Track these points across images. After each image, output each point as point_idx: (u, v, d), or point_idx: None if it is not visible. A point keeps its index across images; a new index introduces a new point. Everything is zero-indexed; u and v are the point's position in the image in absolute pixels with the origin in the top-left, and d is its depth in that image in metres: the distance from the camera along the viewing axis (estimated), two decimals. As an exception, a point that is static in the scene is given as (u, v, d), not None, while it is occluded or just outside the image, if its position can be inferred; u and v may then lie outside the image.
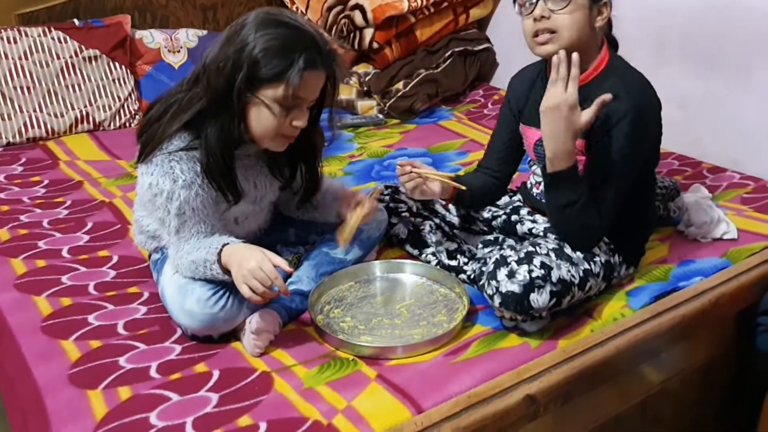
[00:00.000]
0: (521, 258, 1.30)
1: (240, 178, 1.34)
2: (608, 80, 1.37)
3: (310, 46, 1.22)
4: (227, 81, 1.21)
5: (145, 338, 1.31)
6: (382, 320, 1.38)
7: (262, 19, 1.22)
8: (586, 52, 1.37)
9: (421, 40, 2.66)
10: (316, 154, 1.42)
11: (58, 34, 2.33)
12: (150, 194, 1.28)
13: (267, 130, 1.26)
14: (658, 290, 1.45)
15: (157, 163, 1.26)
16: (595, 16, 1.35)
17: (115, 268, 1.56)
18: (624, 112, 1.33)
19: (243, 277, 1.21)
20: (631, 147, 1.34)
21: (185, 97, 1.27)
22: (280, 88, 1.22)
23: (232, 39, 1.22)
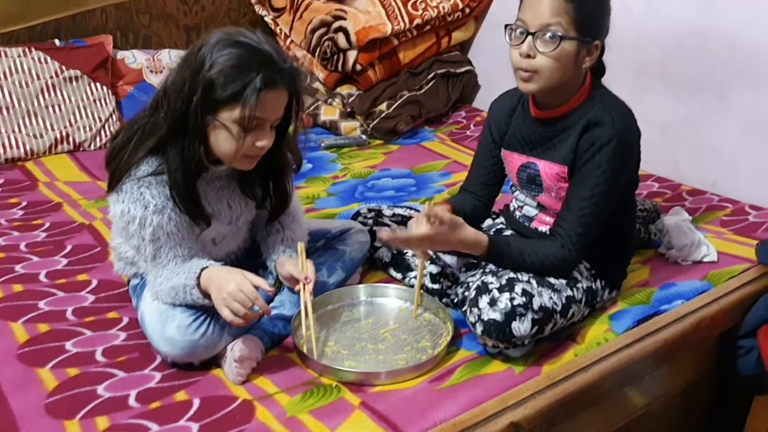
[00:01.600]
0: (503, 285, 1.30)
1: (213, 200, 1.33)
2: (590, 109, 1.38)
3: (267, 64, 1.20)
4: (185, 104, 1.20)
5: (124, 365, 1.29)
6: (366, 345, 1.37)
7: (218, 40, 1.21)
8: (569, 86, 1.38)
9: (404, 62, 2.68)
10: (284, 171, 1.39)
11: (39, 54, 2.31)
12: (123, 222, 1.26)
13: (229, 151, 1.24)
14: (641, 314, 1.46)
15: (127, 190, 1.24)
16: (583, 56, 1.35)
17: (94, 292, 1.53)
18: (608, 138, 1.34)
19: (223, 300, 1.20)
20: (613, 172, 1.35)
21: (148, 122, 1.25)
22: (236, 109, 1.20)
23: (189, 61, 1.21)
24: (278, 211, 1.43)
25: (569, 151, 1.38)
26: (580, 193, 1.36)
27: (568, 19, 1.30)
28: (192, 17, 2.73)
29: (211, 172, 1.32)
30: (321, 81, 2.66)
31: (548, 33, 1.30)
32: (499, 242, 1.38)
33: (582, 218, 1.36)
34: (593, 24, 1.34)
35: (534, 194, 1.49)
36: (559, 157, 1.40)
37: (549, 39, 1.30)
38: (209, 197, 1.33)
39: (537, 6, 1.31)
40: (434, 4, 2.68)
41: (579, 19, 1.31)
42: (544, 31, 1.30)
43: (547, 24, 1.30)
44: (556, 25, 1.30)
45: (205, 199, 1.32)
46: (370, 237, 1.61)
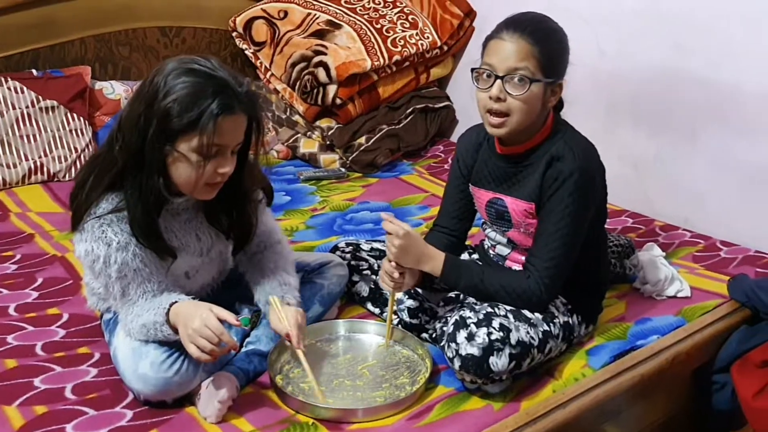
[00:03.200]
0: (480, 320, 1.30)
1: (180, 233, 1.31)
2: (553, 144, 1.40)
3: (222, 90, 1.18)
4: (141, 136, 1.17)
5: (95, 403, 1.25)
6: (344, 381, 1.35)
7: (171, 69, 1.18)
8: (534, 124, 1.40)
9: (383, 96, 2.71)
10: (246, 199, 1.36)
11: (15, 83, 2.29)
12: (88, 261, 1.24)
13: (190, 181, 1.22)
14: (617, 349, 1.47)
15: (88, 229, 1.22)
16: (549, 96, 1.38)
17: (64, 327, 1.50)
18: (569, 172, 1.36)
19: (189, 336, 1.18)
20: (577, 206, 1.37)
21: (104, 158, 1.23)
22: (195, 137, 1.17)
23: (143, 93, 1.19)
24: (243, 240, 1.40)
25: (535, 187, 1.40)
26: (547, 228, 1.38)
27: (534, 62, 1.32)
28: (172, 49, 2.73)
29: (175, 205, 1.29)
30: (301, 114, 2.67)
31: (516, 77, 1.32)
32: (457, 262, 1.39)
33: (550, 252, 1.37)
34: (557, 64, 1.37)
35: (504, 230, 1.50)
36: (525, 194, 1.42)
37: (518, 82, 1.32)
38: (175, 230, 1.31)
39: (503, 51, 1.33)
40: (413, 41, 2.72)
41: (544, 62, 1.33)
42: (513, 75, 1.32)
43: (515, 68, 1.32)
44: (524, 69, 1.32)
45: (171, 231, 1.30)
46: (349, 271, 1.60)
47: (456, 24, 2.81)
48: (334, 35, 2.67)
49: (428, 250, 1.40)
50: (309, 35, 2.68)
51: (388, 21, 2.76)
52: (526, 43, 1.32)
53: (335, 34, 2.67)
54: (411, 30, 2.76)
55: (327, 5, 2.80)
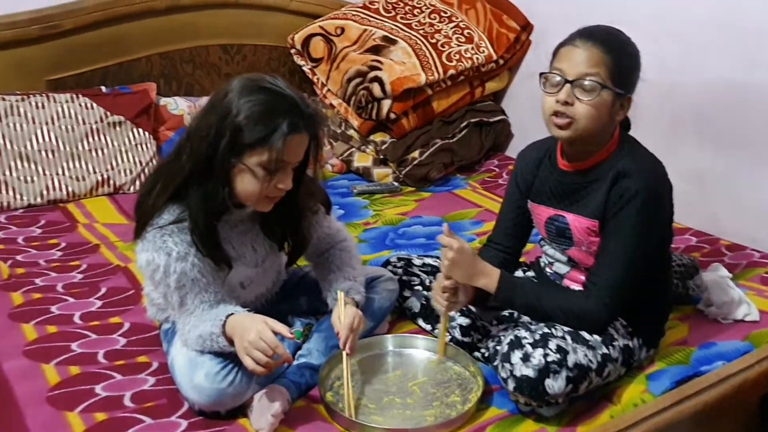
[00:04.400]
0: (536, 340, 1.28)
1: (237, 244, 1.35)
2: (619, 161, 1.37)
3: (293, 110, 1.23)
4: (211, 148, 1.22)
5: (152, 412, 1.29)
6: (394, 399, 1.34)
7: (244, 86, 1.24)
8: (600, 137, 1.37)
9: (437, 110, 2.71)
10: (302, 213, 1.40)
11: (85, 100, 2.39)
12: (149, 271, 1.28)
13: (252, 193, 1.27)
14: (680, 374, 1.42)
15: (150, 239, 1.27)
16: (617, 109, 1.35)
17: (125, 335, 1.54)
18: (635, 190, 1.32)
19: (245, 349, 1.20)
20: (644, 225, 1.33)
21: (171, 167, 1.28)
22: (264, 153, 1.23)
23: (216, 107, 1.24)
24: (297, 253, 1.44)
25: (599, 204, 1.37)
26: (610, 247, 1.34)
27: (605, 70, 1.31)
28: (233, 66, 2.81)
29: (234, 216, 1.34)
30: (355, 128, 2.70)
31: (587, 81, 1.30)
32: (512, 280, 1.37)
33: (612, 272, 1.33)
34: (628, 77, 1.35)
35: (564, 248, 1.47)
36: (588, 211, 1.39)
37: (588, 87, 1.31)
38: (233, 241, 1.35)
39: (575, 56, 1.32)
40: (468, 55, 2.71)
41: (615, 72, 1.32)
42: (583, 79, 1.31)
43: (585, 73, 1.31)
44: (595, 75, 1.31)
45: (228, 242, 1.34)
46: (400, 286, 1.60)
47: (512, 38, 2.78)
48: (390, 50, 2.69)
49: (482, 266, 1.38)
50: (365, 51, 2.71)
51: (444, 36, 2.77)
52: (598, 51, 1.31)
53: (391, 49, 2.69)
54: (466, 44, 2.75)
55: (383, 21, 2.83)
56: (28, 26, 2.36)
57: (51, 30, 2.40)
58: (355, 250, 1.52)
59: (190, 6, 2.65)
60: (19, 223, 2.08)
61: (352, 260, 1.47)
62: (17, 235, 2.01)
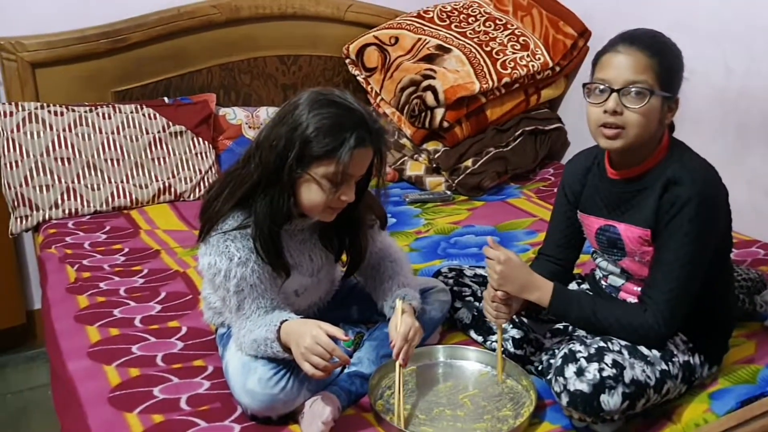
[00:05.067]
0: (591, 354, 1.25)
1: (295, 252, 1.37)
2: (669, 167, 1.33)
3: (360, 124, 1.26)
4: (279, 158, 1.26)
5: (206, 415, 1.32)
6: (444, 410, 1.34)
7: (314, 100, 1.27)
8: (650, 143, 1.34)
9: (491, 119, 2.69)
10: (360, 226, 1.42)
11: (149, 111, 2.49)
12: (210, 274, 1.32)
13: (316, 204, 1.29)
14: (745, 394, 1.36)
15: (214, 243, 1.31)
16: (665, 112, 1.32)
17: (183, 339, 1.59)
18: (687, 197, 1.28)
19: (302, 355, 1.22)
20: (698, 233, 1.28)
21: (240, 174, 1.32)
22: (331, 165, 1.25)
23: (286, 118, 1.27)
24: (354, 264, 1.46)
25: (650, 212, 1.33)
26: (665, 257, 1.30)
27: (653, 75, 1.28)
28: (290, 77, 2.87)
29: (294, 225, 1.36)
30: (408, 137, 2.71)
31: (634, 89, 1.27)
32: (567, 293, 1.34)
33: (669, 283, 1.29)
34: (674, 78, 1.32)
35: (616, 258, 1.43)
36: (640, 220, 1.35)
37: (636, 95, 1.27)
38: (291, 249, 1.38)
39: (620, 64, 1.29)
40: (524, 63, 2.69)
41: (663, 75, 1.29)
42: (630, 87, 1.27)
43: (633, 81, 1.28)
44: (643, 82, 1.27)
45: (287, 251, 1.36)
46: (451, 297, 1.59)
47: (569, 44, 2.74)
48: (443, 59, 2.69)
49: (534, 279, 1.36)
50: (418, 60, 2.72)
51: (499, 43, 2.75)
52: (643, 56, 1.28)
53: (444, 58, 2.69)
54: (522, 52, 2.72)
55: (437, 30, 2.83)
56: (97, 40, 2.47)
57: (118, 44, 2.51)
58: (407, 262, 1.53)
59: (248, 18, 2.72)
60: (86, 229, 2.18)
61: (404, 269, 1.49)
62: (84, 241, 2.10)
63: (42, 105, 2.34)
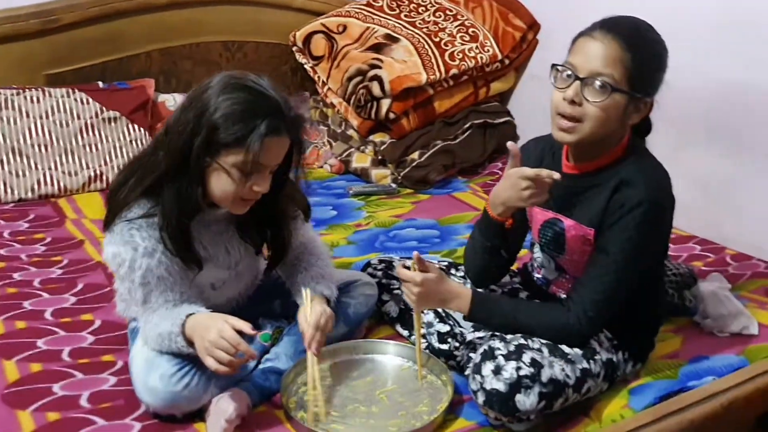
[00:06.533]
0: (510, 352, 1.21)
1: (210, 244, 1.30)
2: (624, 168, 1.28)
3: (273, 111, 1.19)
4: (186, 145, 1.18)
5: (106, 413, 1.25)
6: (359, 407, 1.29)
7: (225, 83, 1.20)
8: (607, 141, 1.28)
9: (439, 111, 2.64)
10: (283, 219, 1.36)
11: (82, 95, 2.38)
12: (114, 265, 1.25)
13: (226, 194, 1.23)
14: (665, 389, 1.34)
15: (118, 232, 1.23)
16: (630, 112, 1.25)
17: (95, 333, 1.51)
18: (637, 201, 1.24)
19: (206, 349, 1.16)
20: (641, 239, 1.24)
21: (148, 161, 1.24)
22: (240, 153, 1.18)
23: (194, 102, 1.20)
24: (276, 258, 1.39)
25: (598, 211, 1.28)
26: (602, 259, 1.26)
27: (622, 70, 1.21)
28: (234, 64, 2.78)
29: (208, 215, 1.29)
30: (355, 128, 2.65)
31: (598, 81, 1.21)
32: (487, 299, 1.29)
33: (601, 285, 1.25)
34: (647, 79, 1.25)
35: (555, 255, 1.40)
36: (586, 218, 1.31)
37: (598, 88, 1.21)
38: (204, 241, 1.31)
39: (591, 51, 1.22)
40: (472, 54, 2.65)
41: (634, 73, 1.22)
42: (594, 79, 1.21)
43: (598, 72, 1.21)
44: (608, 76, 1.21)
45: (199, 242, 1.29)
46: (379, 290, 1.54)
47: (518, 37, 2.71)
48: (391, 49, 2.64)
49: (452, 288, 1.31)
50: (366, 49, 2.67)
51: (448, 34, 2.71)
52: (617, 47, 1.21)
53: (392, 47, 2.64)
54: (471, 43, 2.69)
55: (387, 19, 2.77)
56: (27, 20, 2.36)
57: (50, 24, 2.40)
58: (327, 255, 1.47)
59: (191, 2, 2.63)
60: (8, 218, 2.07)
61: (321, 261, 1.42)
62: (4, 230, 1.99)
63: (-35, 87, 2.23)
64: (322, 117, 2.79)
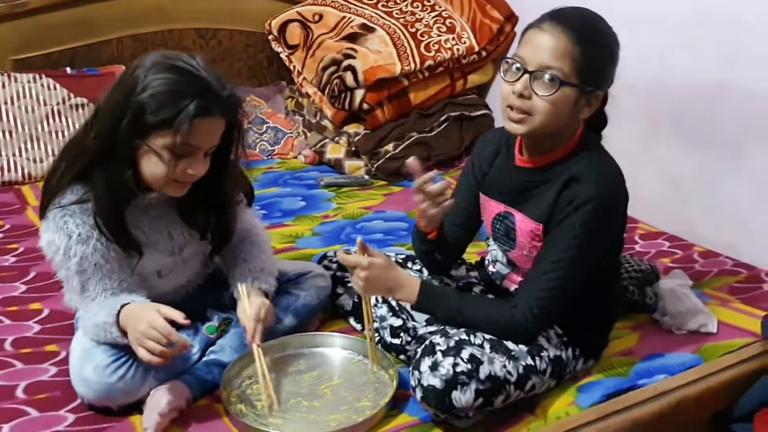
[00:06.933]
0: (449, 347, 1.18)
1: (149, 229, 1.28)
2: (575, 163, 1.25)
3: (203, 92, 1.15)
4: (114, 127, 1.15)
5: (41, 404, 1.22)
6: (301, 401, 1.26)
7: (155, 63, 1.17)
8: (559, 135, 1.26)
9: (414, 103, 2.61)
10: (225, 202, 1.33)
11: (48, 81, 2.35)
12: (50, 253, 1.22)
13: (156, 177, 1.19)
14: (614, 387, 1.31)
15: (51, 219, 1.21)
16: (581, 106, 1.23)
17: (42, 322, 1.49)
18: (586, 198, 1.21)
19: (137, 340, 1.14)
20: (588, 237, 1.22)
21: (79, 144, 1.21)
22: (168, 135, 1.15)
23: (122, 83, 1.17)
24: (220, 243, 1.36)
25: (546, 207, 1.26)
26: (549, 255, 1.24)
27: (571, 63, 1.19)
28: (208, 51, 2.74)
29: (146, 199, 1.26)
30: (329, 119, 2.61)
31: (547, 74, 1.18)
32: (434, 290, 1.27)
33: (546, 282, 1.23)
34: (598, 72, 1.22)
35: (506, 249, 1.37)
36: (535, 213, 1.28)
37: (547, 81, 1.18)
38: (144, 226, 1.28)
39: (539, 43, 1.20)
40: (448, 46, 2.61)
41: (584, 66, 1.19)
42: (543, 72, 1.19)
43: (547, 66, 1.19)
44: (557, 69, 1.18)
45: (138, 227, 1.26)
46: (333, 283, 1.52)
47: (496, 29, 2.67)
48: (367, 39, 2.60)
49: (400, 277, 1.28)
50: (341, 39, 2.63)
51: (424, 25, 2.67)
52: (567, 40, 1.18)
53: (368, 37, 2.60)
54: (447, 34, 2.65)
55: (363, 8, 2.74)
56: (-7, 3, 2.32)
57: (17, 8, 2.36)
58: (268, 243, 1.44)
59: (163, -13, 2.59)
60: (-32, 204, 2.04)
61: (262, 253, 1.39)
62: (-38, 216, 1.97)
63: (-73, 70, 2.19)
64: (297, 107, 2.76)
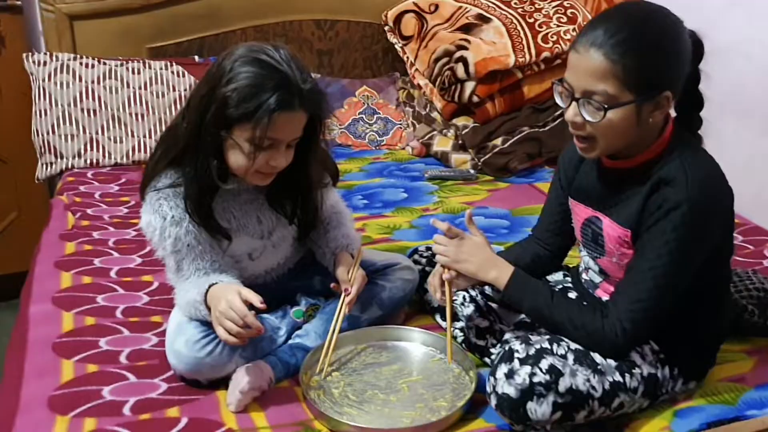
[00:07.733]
0: (528, 356, 1.13)
1: (240, 213, 1.32)
2: (666, 164, 1.16)
3: (283, 85, 1.17)
4: (201, 118, 1.20)
5: (140, 371, 1.31)
6: (378, 394, 1.26)
7: (239, 56, 1.19)
8: (639, 142, 1.17)
9: (528, 96, 2.52)
10: (311, 188, 1.35)
11: (178, 68, 2.51)
12: (148, 233, 1.30)
13: (241, 168, 1.23)
14: (717, 415, 1.20)
15: (149, 201, 1.28)
16: (648, 112, 1.13)
17: (151, 294, 1.60)
18: (677, 202, 1.12)
19: (217, 318, 1.19)
20: (680, 243, 1.12)
21: (174, 132, 1.28)
22: (249, 129, 1.18)
23: (210, 75, 1.21)
24: (307, 227, 1.40)
25: (635, 211, 1.17)
26: (640, 264, 1.15)
27: (616, 82, 1.09)
28: (326, 42, 2.81)
29: (238, 185, 1.31)
30: (438, 111, 2.59)
31: (592, 102, 1.10)
32: (526, 280, 1.23)
33: (638, 293, 1.14)
34: (653, 78, 1.11)
35: (595, 256, 1.29)
36: (623, 218, 1.20)
37: (594, 108, 1.10)
38: (234, 210, 1.33)
39: (578, 68, 1.11)
40: (568, 37, 2.50)
41: (632, 79, 1.09)
42: (587, 99, 1.11)
43: (591, 91, 1.10)
44: (601, 94, 1.09)
45: (229, 211, 1.32)
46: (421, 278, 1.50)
47: (621, 20, 2.51)
48: (481, 29, 2.54)
49: (494, 258, 1.26)
50: (455, 29, 2.59)
51: (544, 15, 2.56)
52: (604, 60, 1.08)
53: (482, 28, 2.54)
54: (567, 25, 2.53)
55: (481, -2, 2.68)
56: (132, -5, 2.51)
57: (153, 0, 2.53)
58: (350, 216, 1.49)
59: (287, -20, 2.68)
60: (103, 180, 2.23)
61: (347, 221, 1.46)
62: (96, 191, 2.15)
63: (75, 56, 2.41)
64: (408, 98, 2.76)
